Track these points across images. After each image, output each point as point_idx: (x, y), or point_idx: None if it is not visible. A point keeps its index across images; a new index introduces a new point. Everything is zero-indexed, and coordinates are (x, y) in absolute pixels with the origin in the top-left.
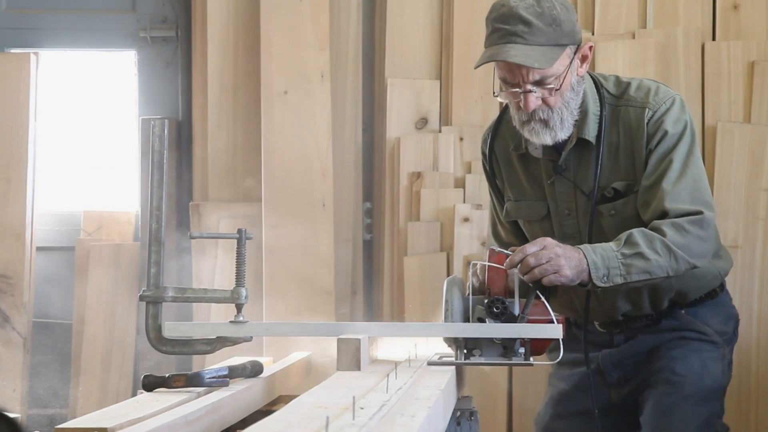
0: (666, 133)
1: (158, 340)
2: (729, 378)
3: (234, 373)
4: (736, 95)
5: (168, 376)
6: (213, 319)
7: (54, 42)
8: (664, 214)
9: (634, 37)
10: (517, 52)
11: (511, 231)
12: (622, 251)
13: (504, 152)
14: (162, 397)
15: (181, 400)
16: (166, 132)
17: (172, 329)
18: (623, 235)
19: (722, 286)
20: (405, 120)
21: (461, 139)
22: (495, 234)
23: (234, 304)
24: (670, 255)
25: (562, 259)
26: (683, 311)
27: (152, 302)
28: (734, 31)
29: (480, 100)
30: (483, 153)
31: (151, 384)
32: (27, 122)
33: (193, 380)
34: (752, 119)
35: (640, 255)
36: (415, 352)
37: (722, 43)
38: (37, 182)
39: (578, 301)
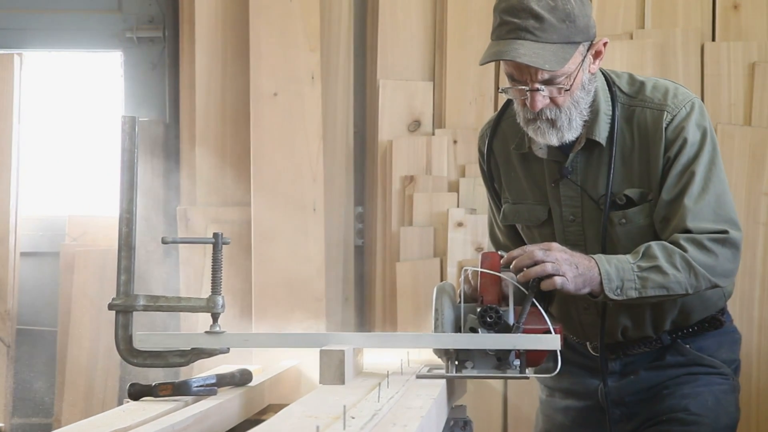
0: (686, 141)
1: (129, 352)
2: (740, 411)
3: (222, 381)
4: (736, 97)
5: (154, 385)
6: (201, 328)
7: (38, 43)
8: (685, 233)
9: (632, 37)
10: (526, 51)
11: (508, 235)
12: (638, 263)
13: (503, 151)
14: (148, 406)
15: (168, 409)
16: (136, 129)
17: (143, 340)
18: (641, 247)
19: (723, 310)
20: (397, 122)
21: (455, 141)
22: (492, 237)
23: (210, 314)
24: (690, 271)
25: (565, 264)
26: (688, 346)
27: (122, 311)
28: (734, 31)
29: (474, 102)
30: (480, 152)
31: (137, 393)
32: (11, 124)
33: (180, 389)
34: (753, 122)
35: (658, 269)
36: (407, 360)
37: (722, 44)
38: (21, 186)
39: (576, 315)
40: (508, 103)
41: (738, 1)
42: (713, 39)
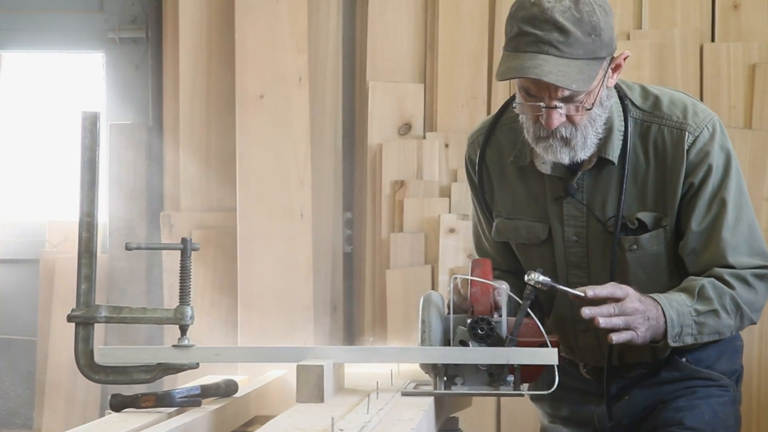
0: (712, 166)
1: (89, 367)
2: (740, 424)
3: (207, 392)
4: (737, 99)
5: (137, 396)
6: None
7: (17, 43)
8: (727, 268)
9: (629, 38)
10: (551, 68)
11: (498, 248)
12: (695, 307)
13: (497, 162)
14: (131, 418)
15: (151, 420)
16: (98, 126)
17: (106, 355)
18: (695, 286)
19: None
20: (387, 125)
21: (447, 145)
22: (479, 248)
23: (178, 326)
24: (737, 313)
25: (640, 316)
26: (684, 359)
27: (83, 323)
28: (734, 31)
29: (466, 104)
30: (470, 161)
31: (119, 404)
32: None
33: (163, 400)
34: (753, 125)
35: (714, 313)
36: (398, 370)
37: (721, 45)
38: None
39: (573, 336)
40: (504, 108)
41: (738, 1)
42: (713, 39)
